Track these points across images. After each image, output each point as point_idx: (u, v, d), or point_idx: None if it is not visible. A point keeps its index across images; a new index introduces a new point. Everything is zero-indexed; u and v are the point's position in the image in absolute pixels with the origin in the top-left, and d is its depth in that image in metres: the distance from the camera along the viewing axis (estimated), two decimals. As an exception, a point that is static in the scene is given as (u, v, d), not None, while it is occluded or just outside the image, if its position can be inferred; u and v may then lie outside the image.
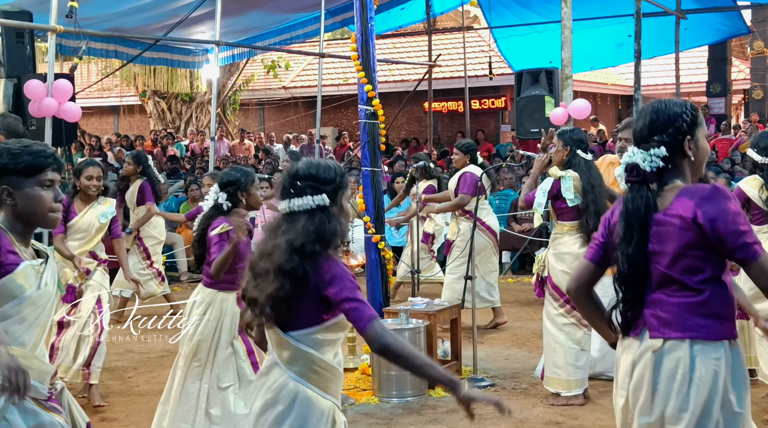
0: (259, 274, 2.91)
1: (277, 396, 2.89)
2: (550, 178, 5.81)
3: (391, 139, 19.90)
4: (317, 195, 2.92)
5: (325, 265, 2.86)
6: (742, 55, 23.60)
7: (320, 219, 2.90)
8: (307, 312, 2.87)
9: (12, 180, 2.81)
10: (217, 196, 4.74)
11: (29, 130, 10.80)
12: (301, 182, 2.92)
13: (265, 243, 2.94)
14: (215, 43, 12.93)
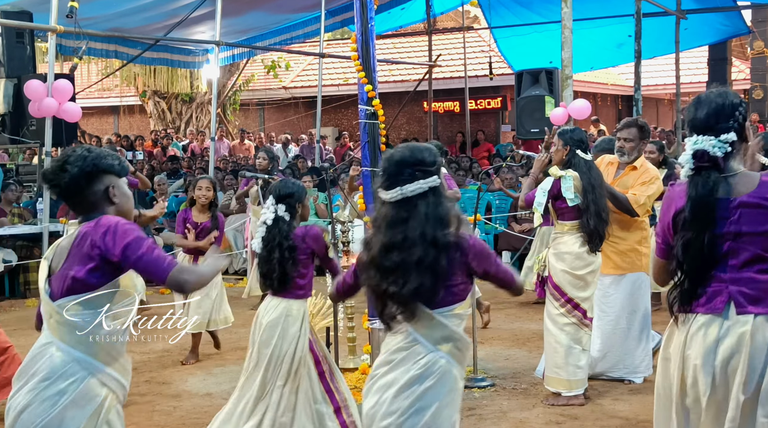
0: (391, 268, 2.97)
1: (426, 372, 3.01)
2: (550, 178, 5.80)
3: (391, 139, 19.89)
4: (429, 177, 3.02)
5: (464, 245, 3.01)
6: (742, 55, 23.60)
7: (434, 200, 3.01)
8: (452, 291, 3.02)
9: (113, 179, 3.01)
10: (275, 208, 4.74)
11: (29, 130, 10.82)
12: (410, 168, 3.01)
13: (387, 236, 3.00)
14: (215, 43, 12.94)
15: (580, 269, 5.76)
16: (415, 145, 3.13)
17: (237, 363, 7.28)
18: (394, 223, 2.99)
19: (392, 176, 3.04)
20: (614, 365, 6.36)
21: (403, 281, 2.94)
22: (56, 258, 2.98)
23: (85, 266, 2.87)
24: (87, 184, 2.97)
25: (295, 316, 4.69)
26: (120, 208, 3.04)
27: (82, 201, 3.00)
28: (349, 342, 6.83)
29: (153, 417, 5.91)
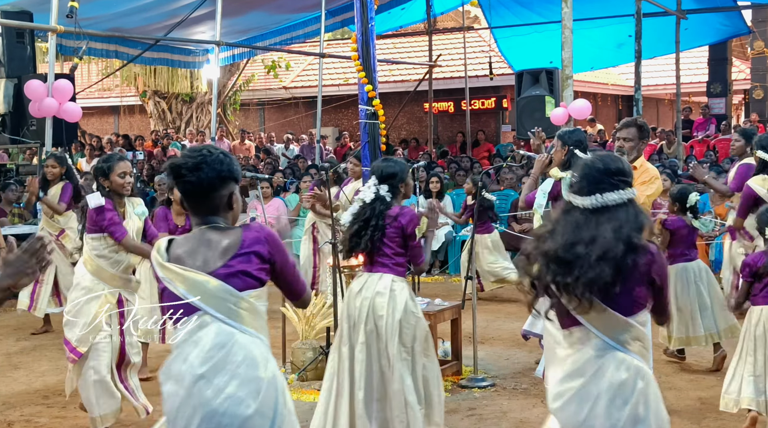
0: (570, 260, 2.98)
1: (636, 375, 3.00)
2: (551, 179, 5.80)
3: (392, 139, 19.89)
4: (628, 188, 3.08)
5: (653, 253, 3.03)
6: (743, 55, 23.60)
7: (634, 210, 3.06)
8: (639, 295, 3.03)
9: (235, 186, 3.10)
10: (377, 188, 4.76)
11: (30, 130, 10.82)
12: (613, 178, 3.06)
13: (574, 235, 3.02)
14: (215, 43, 12.94)
15: (579, 269, 5.75)
16: (613, 155, 3.21)
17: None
18: (584, 227, 3.04)
19: (592, 183, 3.08)
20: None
21: (580, 271, 2.95)
22: (200, 257, 3.00)
23: (254, 265, 3.00)
24: (218, 187, 3.03)
25: (400, 289, 4.73)
26: (235, 215, 3.12)
27: (207, 203, 3.04)
28: (350, 342, 6.82)
29: (153, 416, 5.90)
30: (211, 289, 2.95)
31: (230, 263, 2.98)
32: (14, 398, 6.12)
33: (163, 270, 2.99)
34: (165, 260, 3.00)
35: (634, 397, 2.97)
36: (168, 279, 2.98)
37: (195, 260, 2.99)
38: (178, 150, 17.38)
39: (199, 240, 3.03)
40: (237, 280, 2.97)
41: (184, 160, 3.02)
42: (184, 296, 2.95)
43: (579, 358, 3.05)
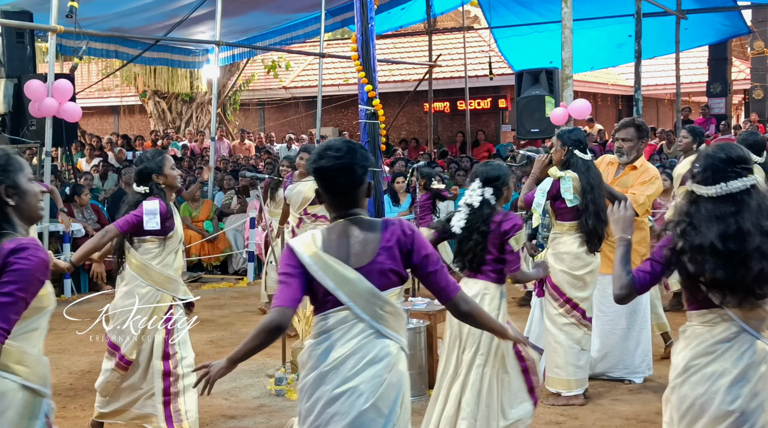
0: (727, 256, 3.08)
1: (757, 359, 3.13)
2: (550, 179, 5.80)
3: (392, 139, 19.89)
4: (750, 174, 3.16)
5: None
6: (743, 55, 23.60)
7: (758, 196, 3.14)
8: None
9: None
10: (482, 191, 4.72)
11: (29, 130, 10.82)
12: (736, 166, 3.15)
13: (720, 227, 3.09)
14: (215, 43, 12.95)
15: (578, 269, 5.76)
16: (733, 144, 3.28)
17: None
18: (721, 217, 3.12)
19: (716, 172, 3.16)
20: (614, 365, 6.37)
21: (744, 268, 3.06)
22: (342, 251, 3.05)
23: (396, 261, 3.04)
24: (364, 182, 3.10)
25: (492, 296, 4.66)
26: (366, 206, 3.18)
27: (354, 195, 3.10)
28: (349, 342, 6.82)
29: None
30: (359, 290, 3.01)
31: (376, 259, 3.02)
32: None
33: (317, 261, 3.01)
34: (321, 250, 3.03)
35: (754, 380, 3.12)
36: (319, 271, 3.01)
37: (341, 254, 3.04)
38: (178, 150, 17.39)
39: (344, 233, 3.07)
40: (381, 278, 3.02)
41: (332, 163, 3.04)
42: (333, 291, 3.01)
43: (711, 338, 3.18)
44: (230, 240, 12.23)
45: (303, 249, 3.03)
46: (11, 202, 2.82)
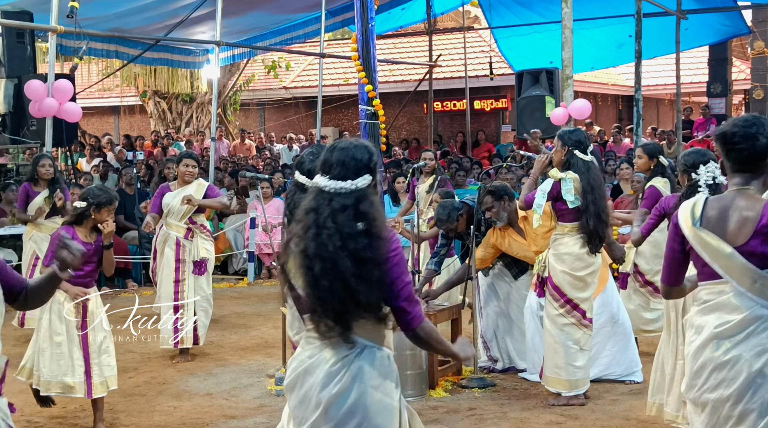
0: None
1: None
2: (550, 180, 5.81)
3: (392, 139, 19.89)
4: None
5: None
6: (743, 55, 23.59)
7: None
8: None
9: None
10: (713, 175, 4.73)
11: (30, 130, 10.82)
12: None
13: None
14: (216, 44, 12.94)
15: (579, 270, 5.76)
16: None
17: (238, 363, 7.29)
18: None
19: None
20: (608, 365, 6.40)
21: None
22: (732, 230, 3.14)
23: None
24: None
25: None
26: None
27: (753, 168, 3.19)
28: (350, 342, 6.82)
29: (153, 417, 5.91)
30: (735, 263, 3.10)
31: (750, 242, 3.10)
32: (14, 398, 6.11)
33: (692, 234, 3.17)
34: (696, 224, 3.17)
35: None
36: (696, 243, 3.17)
37: (723, 226, 3.14)
38: (179, 150, 17.38)
39: (730, 205, 3.16)
40: (755, 259, 3.09)
41: (738, 129, 3.18)
42: (710, 264, 3.14)
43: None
44: (230, 241, 12.23)
45: (686, 222, 3.20)
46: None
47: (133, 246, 11.30)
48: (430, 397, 6.09)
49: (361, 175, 2.97)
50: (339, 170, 2.96)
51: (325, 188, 2.95)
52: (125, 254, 10.91)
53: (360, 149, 3.01)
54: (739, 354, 3.07)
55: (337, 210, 2.90)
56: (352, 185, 2.94)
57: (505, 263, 6.76)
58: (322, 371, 2.93)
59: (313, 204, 2.95)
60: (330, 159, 2.99)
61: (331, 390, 2.90)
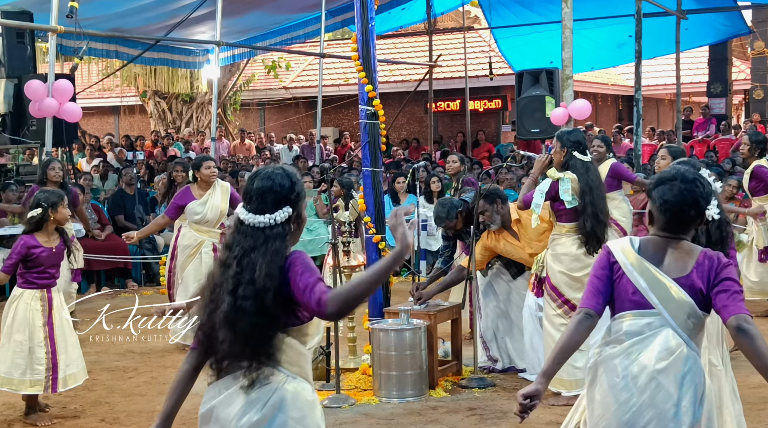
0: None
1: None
2: (549, 179, 5.81)
3: (392, 139, 19.88)
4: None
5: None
6: (743, 55, 23.59)
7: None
8: None
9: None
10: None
11: (30, 130, 10.82)
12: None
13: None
14: (216, 44, 12.95)
15: (577, 270, 5.77)
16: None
17: (237, 363, 7.28)
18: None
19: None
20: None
21: None
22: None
23: (704, 286, 3.09)
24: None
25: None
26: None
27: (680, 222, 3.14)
28: (349, 342, 6.83)
29: (153, 417, 5.90)
30: (672, 295, 3.01)
31: (690, 276, 3.03)
32: (14, 398, 6.12)
33: (633, 260, 3.07)
34: (638, 252, 3.09)
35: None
36: (633, 269, 3.06)
37: (660, 259, 3.07)
38: (180, 151, 17.39)
39: (666, 246, 3.10)
40: (693, 293, 3.02)
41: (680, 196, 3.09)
42: (645, 292, 3.03)
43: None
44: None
45: (621, 253, 3.11)
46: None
47: (132, 247, 11.28)
48: (430, 397, 6.09)
49: (281, 207, 2.81)
50: (257, 203, 2.81)
51: (244, 221, 2.82)
52: (125, 254, 10.90)
53: (281, 178, 2.84)
54: (679, 396, 2.97)
55: (252, 247, 2.78)
56: (269, 220, 2.80)
57: (503, 263, 6.76)
58: (241, 400, 2.81)
59: (230, 239, 2.84)
60: (250, 189, 2.84)
61: (251, 417, 2.78)
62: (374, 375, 6.15)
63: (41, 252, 5.55)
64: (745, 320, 2.94)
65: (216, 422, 2.87)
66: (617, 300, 3.10)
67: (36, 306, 5.59)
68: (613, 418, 3.00)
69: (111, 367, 7.10)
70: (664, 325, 3.01)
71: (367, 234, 6.84)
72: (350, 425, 5.58)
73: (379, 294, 6.73)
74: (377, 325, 6.14)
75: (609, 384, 3.03)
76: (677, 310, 3.01)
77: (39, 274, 5.57)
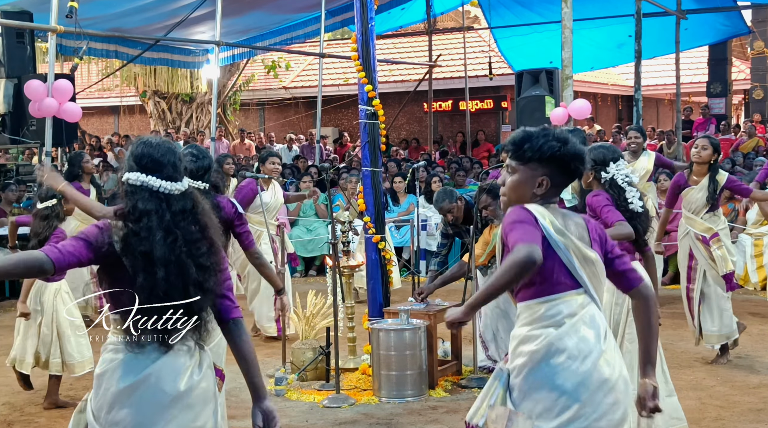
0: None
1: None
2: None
3: (392, 139, 19.89)
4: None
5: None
6: (743, 55, 23.59)
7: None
8: None
9: None
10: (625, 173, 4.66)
11: (29, 130, 10.82)
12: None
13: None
14: (215, 43, 12.94)
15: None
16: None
17: (235, 363, 7.28)
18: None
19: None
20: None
21: None
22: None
23: (601, 249, 3.04)
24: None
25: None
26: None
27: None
28: (349, 342, 6.83)
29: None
30: (598, 270, 2.93)
31: (592, 246, 2.96)
32: (14, 398, 6.12)
33: (564, 238, 2.88)
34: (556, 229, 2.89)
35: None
36: (566, 248, 2.88)
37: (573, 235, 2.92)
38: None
39: (563, 216, 2.97)
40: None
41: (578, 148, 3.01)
42: (576, 271, 2.87)
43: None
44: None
45: (549, 225, 2.88)
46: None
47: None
48: (430, 397, 6.09)
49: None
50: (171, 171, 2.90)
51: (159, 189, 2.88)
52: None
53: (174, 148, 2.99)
54: (619, 371, 2.89)
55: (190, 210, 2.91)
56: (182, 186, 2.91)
57: None
58: (187, 362, 2.94)
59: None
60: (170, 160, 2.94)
61: (197, 378, 2.95)
62: (374, 375, 6.15)
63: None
64: (646, 286, 3.00)
65: (148, 389, 2.86)
66: (541, 281, 2.88)
67: (62, 297, 5.87)
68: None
69: (111, 367, 7.09)
70: (592, 303, 2.91)
71: (366, 235, 6.84)
72: (350, 425, 5.58)
73: (379, 294, 6.74)
74: (377, 325, 6.14)
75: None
76: (600, 285, 2.94)
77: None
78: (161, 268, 2.79)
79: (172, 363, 2.89)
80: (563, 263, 2.87)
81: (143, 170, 2.84)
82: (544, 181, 2.92)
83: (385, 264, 6.79)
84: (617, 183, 4.57)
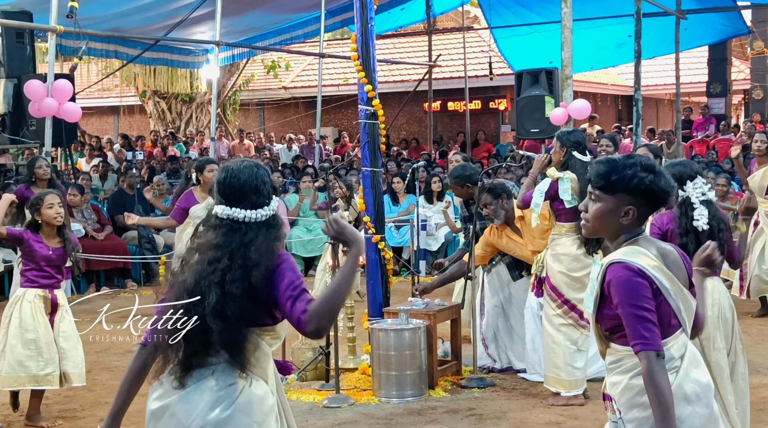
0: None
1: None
2: (548, 179, 5.82)
3: (392, 139, 19.90)
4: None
5: None
6: (742, 55, 23.60)
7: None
8: None
9: None
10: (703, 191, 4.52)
11: (29, 130, 10.82)
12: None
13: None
14: (215, 44, 12.95)
15: (577, 271, 5.77)
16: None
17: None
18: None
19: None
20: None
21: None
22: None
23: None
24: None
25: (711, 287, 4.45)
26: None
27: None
28: (349, 342, 6.83)
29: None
30: (693, 308, 2.88)
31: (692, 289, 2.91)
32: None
33: (672, 285, 2.80)
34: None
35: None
36: (675, 296, 2.80)
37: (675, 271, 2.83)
38: (180, 151, 17.40)
39: (662, 253, 2.84)
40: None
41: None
42: (681, 314, 2.82)
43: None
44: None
45: (655, 270, 2.78)
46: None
47: (132, 246, 11.29)
48: (430, 397, 6.09)
49: (266, 201, 2.91)
50: (238, 197, 2.88)
51: (229, 216, 2.87)
52: (125, 254, 10.90)
53: (262, 171, 2.93)
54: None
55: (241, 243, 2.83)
56: (255, 215, 2.88)
57: (506, 263, 6.77)
58: (207, 397, 2.80)
59: (213, 236, 2.85)
60: (230, 184, 2.91)
61: (219, 415, 2.77)
62: (374, 375, 6.15)
63: (40, 247, 5.54)
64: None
65: (171, 418, 2.86)
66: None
67: (39, 304, 5.57)
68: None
69: (111, 367, 7.09)
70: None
71: (366, 234, 6.83)
72: (350, 425, 5.58)
73: (379, 294, 6.73)
74: (377, 325, 6.14)
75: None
76: (688, 326, 2.90)
77: (39, 272, 5.56)
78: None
79: (190, 396, 2.83)
80: (670, 306, 2.80)
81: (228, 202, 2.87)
82: (630, 210, 2.80)
83: (385, 264, 6.78)
84: (690, 201, 4.48)
